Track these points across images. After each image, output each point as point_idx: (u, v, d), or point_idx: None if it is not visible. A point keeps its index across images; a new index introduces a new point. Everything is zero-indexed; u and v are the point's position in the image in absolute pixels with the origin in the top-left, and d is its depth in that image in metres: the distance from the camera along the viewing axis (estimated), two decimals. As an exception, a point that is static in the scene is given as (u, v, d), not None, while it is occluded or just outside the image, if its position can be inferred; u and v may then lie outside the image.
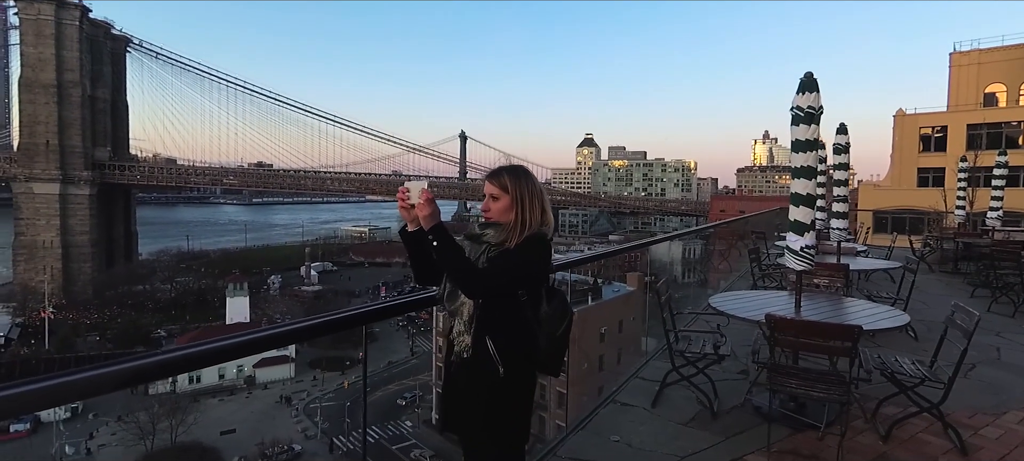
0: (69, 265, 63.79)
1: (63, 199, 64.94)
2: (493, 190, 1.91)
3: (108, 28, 72.57)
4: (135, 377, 1.16)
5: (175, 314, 57.09)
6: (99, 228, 67.87)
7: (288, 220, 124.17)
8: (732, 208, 72.03)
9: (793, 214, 3.81)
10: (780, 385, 2.99)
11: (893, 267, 6.48)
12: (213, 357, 1.42)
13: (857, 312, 3.81)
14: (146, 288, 61.88)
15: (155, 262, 70.50)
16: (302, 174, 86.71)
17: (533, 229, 1.86)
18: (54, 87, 64.07)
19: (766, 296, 4.66)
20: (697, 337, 4.02)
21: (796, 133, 3.69)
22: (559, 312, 1.92)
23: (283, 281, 68.43)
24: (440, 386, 2.03)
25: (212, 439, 33.95)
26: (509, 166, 1.99)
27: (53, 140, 64.62)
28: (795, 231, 3.78)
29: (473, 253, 1.86)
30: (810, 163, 3.70)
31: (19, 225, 64.54)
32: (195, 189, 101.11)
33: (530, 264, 1.84)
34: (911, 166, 31.47)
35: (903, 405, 3.62)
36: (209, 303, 58.16)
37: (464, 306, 1.85)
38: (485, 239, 1.87)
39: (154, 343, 49.59)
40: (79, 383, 0.93)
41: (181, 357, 1.30)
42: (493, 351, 1.79)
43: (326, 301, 58.82)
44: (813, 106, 3.61)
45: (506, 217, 1.88)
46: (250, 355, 1.00)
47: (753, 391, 4.01)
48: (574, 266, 3.96)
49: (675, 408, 3.85)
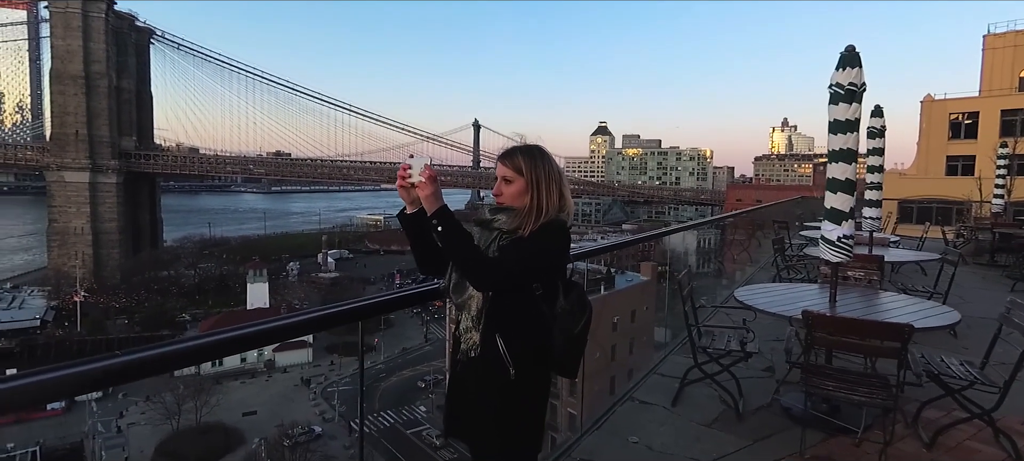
0: (99, 251, 65.78)
1: (92, 187, 66.76)
2: (506, 172, 1.71)
3: (132, 20, 73.84)
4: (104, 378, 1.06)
5: (198, 299, 58.57)
6: (126, 215, 69.74)
7: (305, 208, 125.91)
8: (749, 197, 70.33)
9: (830, 201, 3.52)
10: (816, 387, 2.76)
11: (931, 259, 6.11)
12: (193, 354, 1.29)
13: (899, 308, 3.53)
14: (171, 274, 63.49)
15: (179, 248, 72.32)
16: (319, 163, 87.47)
17: (550, 215, 1.67)
18: (82, 78, 65.59)
19: (795, 289, 4.39)
20: (721, 333, 3.79)
21: (835, 113, 3.39)
22: (577, 308, 1.72)
23: (301, 268, 69.40)
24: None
25: (234, 420, 34.99)
26: (524, 145, 1.77)
27: (82, 130, 66.31)
28: (831, 219, 3.49)
29: (483, 240, 1.68)
30: (850, 146, 3.40)
31: (52, 212, 66.64)
32: (216, 177, 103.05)
33: (546, 254, 1.65)
34: (939, 154, 30.17)
35: (947, 408, 3.35)
36: (231, 289, 59.46)
37: (472, 300, 1.67)
38: (496, 225, 1.68)
39: (179, 327, 50.97)
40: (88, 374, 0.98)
41: (154, 356, 1.17)
42: (503, 350, 1.61)
43: (342, 288, 59.55)
44: (854, 83, 3.30)
45: (520, 202, 1.69)
46: (233, 354, 0.97)
47: (781, 391, 3.77)
48: (587, 257, 3.77)
49: (697, 407, 3.63)
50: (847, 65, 3.33)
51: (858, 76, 3.32)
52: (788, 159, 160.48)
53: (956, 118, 30.13)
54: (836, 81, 3.35)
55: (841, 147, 3.42)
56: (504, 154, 1.76)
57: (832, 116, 3.42)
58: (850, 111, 3.35)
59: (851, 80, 3.31)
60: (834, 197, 3.48)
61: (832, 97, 3.40)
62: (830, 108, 3.42)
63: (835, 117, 3.40)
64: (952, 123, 30.22)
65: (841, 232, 3.44)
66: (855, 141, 3.42)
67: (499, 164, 1.76)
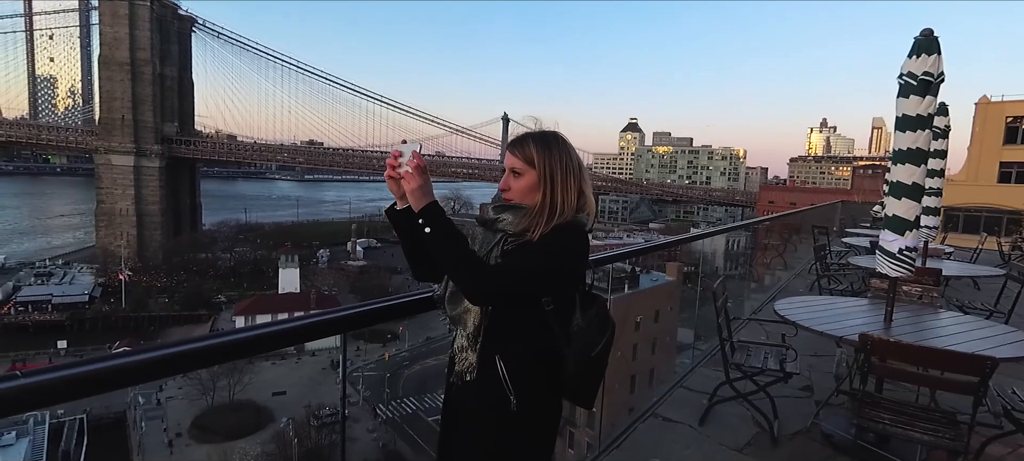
0: (142, 232, 68.93)
1: (137, 171, 69.87)
2: (515, 163, 1.44)
3: (175, 8, 76.51)
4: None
5: (234, 282, 60.68)
6: (168, 198, 72.74)
7: (336, 197, 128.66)
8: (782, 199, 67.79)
9: (892, 208, 3.09)
10: (870, 420, 2.42)
11: (993, 275, 5.54)
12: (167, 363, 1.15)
13: (966, 332, 3.11)
14: (208, 256, 65.95)
15: (216, 232, 74.88)
16: (351, 153, 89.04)
17: (566, 215, 1.40)
18: (128, 65, 68.48)
19: (841, 304, 3.96)
20: (756, 349, 3.44)
21: (904, 107, 2.96)
22: (596, 325, 1.45)
23: (331, 255, 71.11)
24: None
25: (264, 399, 36.23)
26: (537, 132, 1.47)
27: (128, 115, 69.35)
28: (893, 228, 3.07)
29: (484, 244, 1.43)
30: (920, 145, 2.96)
31: (100, 194, 70.09)
32: (252, 164, 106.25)
33: (559, 260, 1.38)
34: (992, 159, 28.22)
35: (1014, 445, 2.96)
36: (263, 273, 61.33)
37: (469, 314, 1.42)
38: (500, 226, 1.42)
39: (215, 307, 52.98)
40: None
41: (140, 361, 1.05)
42: (504, 375, 1.36)
43: (370, 276, 60.68)
44: (931, 72, 2.87)
45: (530, 199, 1.43)
46: (201, 367, 1.19)
47: (821, 415, 3.41)
48: (603, 263, 3.40)
49: (727, 429, 3.31)
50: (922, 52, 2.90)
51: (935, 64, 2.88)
52: (825, 161, 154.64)
53: (1013, 122, 28.17)
54: (908, 70, 2.92)
55: (909, 146, 2.98)
56: (513, 142, 1.49)
57: (901, 111, 2.99)
58: (923, 105, 2.91)
59: (927, 69, 2.87)
60: (898, 203, 3.05)
61: (902, 88, 2.97)
62: (899, 101, 2.99)
63: (904, 111, 2.97)
64: (1008, 127, 28.27)
65: (904, 243, 3.02)
66: (927, 140, 2.99)
67: (508, 154, 1.48)
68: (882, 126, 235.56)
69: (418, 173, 1.35)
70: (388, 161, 1.41)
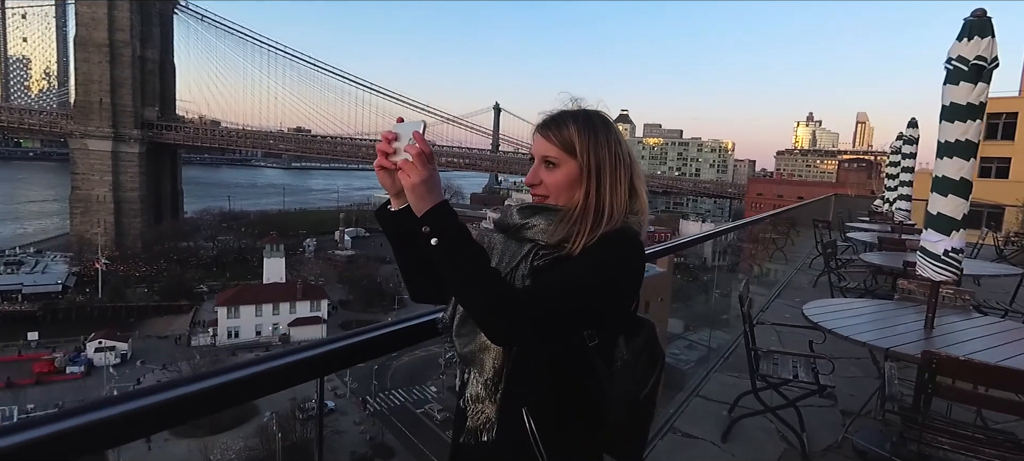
0: (120, 219, 67.15)
1: (115, 156, 67.90)
2: (550, 149, 1.08)
3: (156, -11, 74.18)
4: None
5: (216, 271, 59.51)
6: (148, 185, 70.91)
7: (324, 185, 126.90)
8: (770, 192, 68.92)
9: (935, 205, 2.82)
10: (929, 445, 2.13)
11: (1013, 274, 5.37)
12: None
13: (1019, 341, 2.83)
14: (190, 245, 64.57)
15: (199, 220, 73.33)
16: (338, 140, 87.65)
17: (615, 221, 1.04)
18: (106, 46, 66.23)
19: (871, 308, 3.63)
20: (783, 359, 3.15)
21: (952, 94, 2.69)
22: (646, 359, 1.08)
23: (318, 245, 70.06)
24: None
25: (247, 392, 35.62)
26: (579, 111, 1.11)
27: (106, 98, 67.21)
28: (937, 228, 2.80)
29: (505, 258, 1.06)
30: (970, 137, 2.68)
31: (75, 179, 68.04)
32: (237, 151, 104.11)
33: (611, 280, 1.01)
34: (974, 155, 29.15)
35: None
36: (248, 262, 60.23)
37: (487, 353, 1.04)
38: (530, 234, 1.05)
39: (197, 297, 51.89)
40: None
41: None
42: (533, 434, 1.00)
43: (358, 265, 59.97)
44: (984, 56, 2.58)
45: (568, 198, 1.06)
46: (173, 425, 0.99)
47: (851, 430, 3.12)
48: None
49: (753, 445, 3.04)
50: (974, 34, 2.60)
51: (989, 48, 2.58)
52: (811, 155, 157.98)
53: (993, 118, 28.76)
54: (958, 54, 2.64)
55: (958, 138, 2.69)
56: (547, 122, 1.11)
57: (949, 99, 2.70)
58: (974, 93, 2.62)
59: (979, 53, 2.57)
60: (944, 200, 2.78)
61: (950, 75, 2.69)
62: (946, 89, 2.71)
63: (952, 100, 2.69)
64: (989, 124, 28.86)
65: (950, 244, 2.75)
66: (977, 131, 2.69)
67: (538, 137, 1.11)
68: (866, 121, 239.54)
69: (421, 163, 0.97)
70: (379, 146, 1.03)
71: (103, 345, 38.02)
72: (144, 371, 37.48)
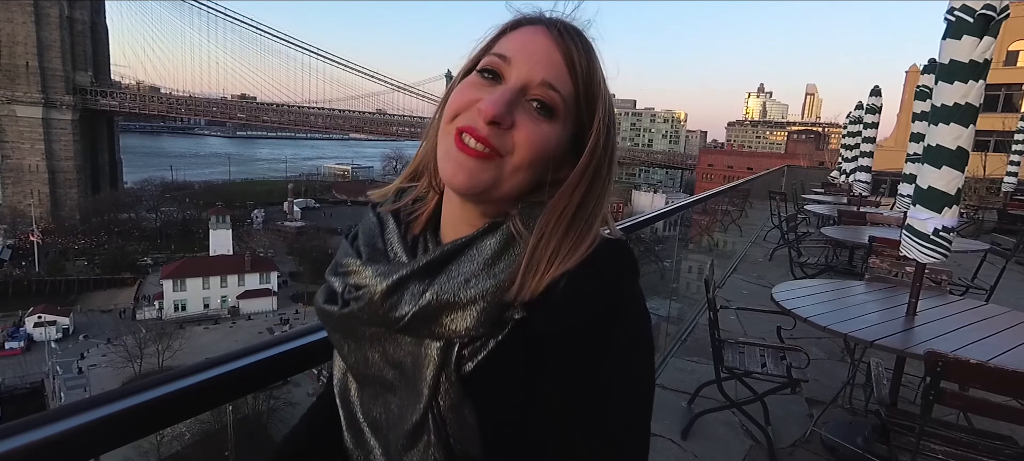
0: (56, 190, 64.87)
1: (46, 123, 64.90)
2: (561, 78, 0.58)
3: (81, -57, 69.42)
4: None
5: (160, 243, 58.97)
6: (83, 154, 68.29)
7: (271, 155, 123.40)
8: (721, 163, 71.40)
9: (926, 178, 2.35)
10: (925, 454, 1.97)
11: (978, 249, 4.87)
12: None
13: (1007, 329, 2.43)
14: (132, 216, 63.16)
15: (140, 191, 71.30)
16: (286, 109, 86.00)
17: (597, 229, 0.60)
18: (31, 5, 62.25)
19: (847, 289, 3.17)
20: (750, 349, 2.86)
21: (952, 50, 2.22)
22: None
23: (266, 216, 69.58)
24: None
25: (196, 365, 36.71)
26: (572, 26, 0.61)
27: (32, 62, 63.61)
28: (927, 204, 2.35)
29: (404, 387, 0.59)
30: (971, 100, 2.22)
31: (4, 148, 64.79)
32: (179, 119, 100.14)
33: (646, 374, 0.58)
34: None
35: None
36: (193, 234, 59.86)
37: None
38: (452, 318, 0.55)
39: (140, 270, 51.53)
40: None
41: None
42: None
43: (308, 237, 60.42)
44: (993, 6, 2.14)
45: (530, 181, 0.59)
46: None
47: (819, 423, 2.85)
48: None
49: (715, 442, 2.76)
50: (983, -23, 2.11)
51: None
52: (761, 126, 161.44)
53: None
54: (962, 4, 2.19)
55: (956, 101, 2.23)
56: (570, 29, 0.60)
57: (947, 56, 2.24)
58: (978, 49, 2.18)
59: (988, 2, 2.13)
60: (936, 173, 2.30)
61: (950, 28, 2.24)
62: (945, 44, 2.25)
63: (952, 56, 2.22)
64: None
65: (941, 222, 2.32)
66: (978, 93, 2.23)
67: (540, 39, 0.59)
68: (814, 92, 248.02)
69: None
70: None
71: (43, 319, 37.51)
72: (87, 345, 37.57)
